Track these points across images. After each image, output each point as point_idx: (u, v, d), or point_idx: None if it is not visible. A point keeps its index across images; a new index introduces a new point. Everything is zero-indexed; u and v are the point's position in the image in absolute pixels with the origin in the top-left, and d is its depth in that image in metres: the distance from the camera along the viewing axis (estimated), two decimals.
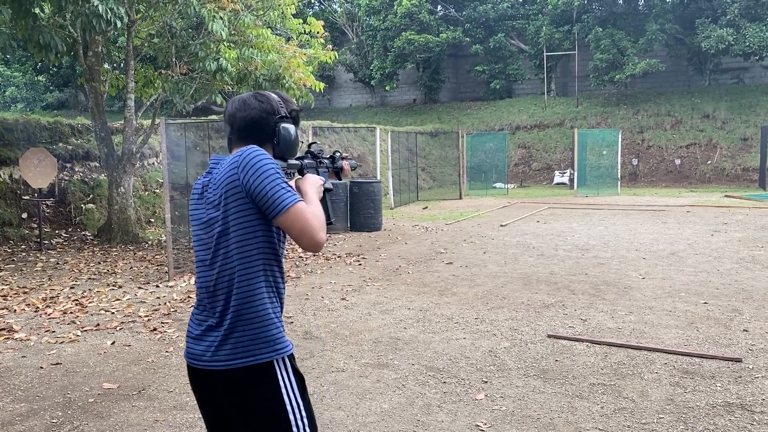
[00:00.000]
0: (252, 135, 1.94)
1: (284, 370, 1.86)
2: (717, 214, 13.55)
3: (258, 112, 1.94)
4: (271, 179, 1.79)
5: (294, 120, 2.01)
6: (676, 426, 3.51)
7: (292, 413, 1.84)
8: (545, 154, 25.10)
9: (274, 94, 2.00)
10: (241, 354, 1.82)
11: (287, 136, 1.95)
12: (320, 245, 1.84)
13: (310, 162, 2.17)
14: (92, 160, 12.15)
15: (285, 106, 1.99)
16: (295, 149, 2.00)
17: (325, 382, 4.25)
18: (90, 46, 9.98)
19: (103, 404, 3.96)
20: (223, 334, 1.84)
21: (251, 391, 1.83)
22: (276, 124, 1.94)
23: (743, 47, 22.56)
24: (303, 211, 1.81)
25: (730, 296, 6.37)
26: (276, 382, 1.84)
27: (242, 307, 1.83)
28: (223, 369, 1.84)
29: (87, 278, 7.76)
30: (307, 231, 1.81)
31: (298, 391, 1.87)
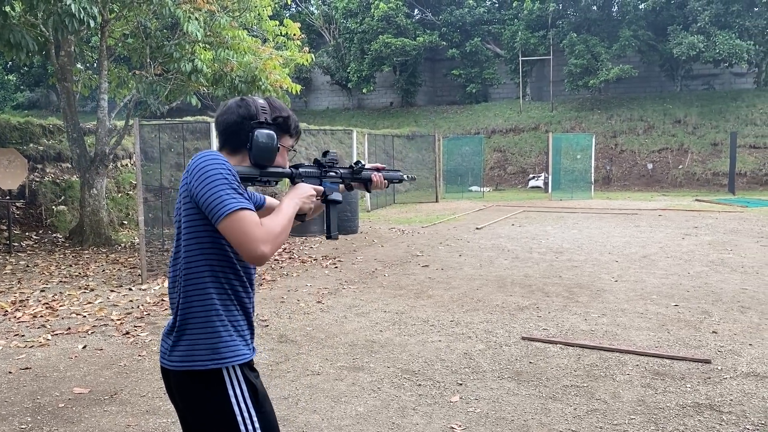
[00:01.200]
0: (229, 139, 1.92)
1: (235, 380, 1.84)
2: (688, 217, 13.79)
3: (236, 116, 1.90)
4: (215, 185, 1.73)
5: (279, 127, 1.94)
6: (646, 427, 3.56)
7: (243, 424, 1.82)
8: (520, 158, 25.33)
9: (261, 100, 1.94)
10: (187, 358, 1.82)
11: (259, 142, 1.87)
12: (259, 259, 1.73)
13: (308, 171, 2.07)
14: (64, 161, 11.96)
15: (270, 112, 1.93)
16: (269, 156, 1.90)
17: (300, 385, 4.24)
18: (62, 45, 9.84)
19: (73, 409, 3.90)
20: (175, 335, 1.87)
21: (200, 397, 1.84)
22: (252, 130, 1.88)
23: (713, 54, 23.02)
24: (242, 220, 1.70)
25: (700, 299, 6.49)
26: (225, 390, 1.82)
27: (188, 312, 1.84)
28: (174, 370, 1.86)
29: (58, 281, 7.63)
30: (244, 242, 1.71)
31: (250, 401, 1.84)
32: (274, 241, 1.75)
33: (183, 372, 1.83)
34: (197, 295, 1.83)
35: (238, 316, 1.88)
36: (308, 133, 20.33)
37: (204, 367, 1.81)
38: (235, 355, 1.84)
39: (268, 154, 1.89)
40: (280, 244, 1.78)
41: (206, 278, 1.82)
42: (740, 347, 4.90)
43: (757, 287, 6.97)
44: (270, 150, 1.89)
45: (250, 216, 1.72)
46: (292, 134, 2.01)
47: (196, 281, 1.83)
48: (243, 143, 1.90)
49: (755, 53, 23.37)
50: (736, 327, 5.45)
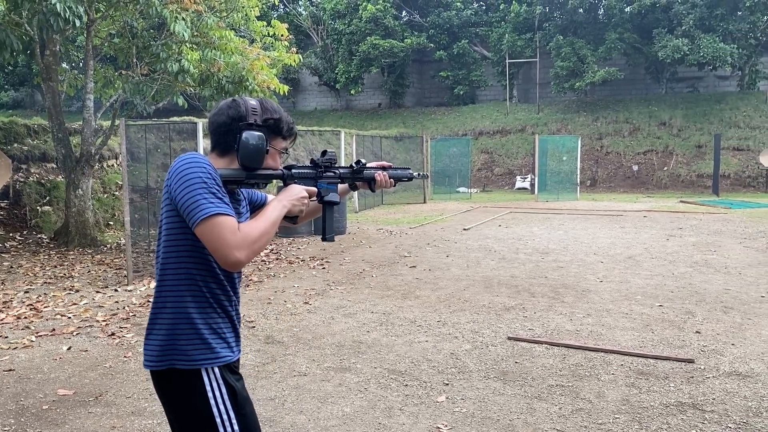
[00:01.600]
0: (219, 140, 1.91)
1: (214, 381, 1.84)
2: (672, 219, 13.92)
3: (225, 117, 1.88)
4: (193, 189, 1.71)
5: (269, 129, 1.91)
6: (631, 426, 3.60)
7: (221, 426, 1.83)
8: (507, 160, 25.44)
9: (253, 102, 1.91)
10: (163, 357, 1.83)
11: (247, 144, 1.84)
12: (232, 265, 1.71)
13: (301, 171, 2.03)
14: (49, 161, 11.87)
15: (261, 113, 1.89)
16: (257, 158, 1.87)
17: (287, 386, 4.24)
18: (47, 44, 9.76)
19: (57, 411, 3.87)
20: (152, 335, 1.88)
21: (178, 397, 1.85)
22: (240, 131, 1.86)
23: (698, 57, 23.26)
24: (217, 225, 1.68)
25: (684, 299, 6.55)
26: (204, 392, 1.83)
27: (162, 313, 1.85)
28: (152, 369, 1.87)
29: (42, 282, 7.57)
30: (218, 248, 1.69)
31: (229, 402, 1.85)
32: (249, 248, 1.73)
33: (161, 372, 1.85)
34: (172, 298, 1.83)
35: (217, 319, 1.87)
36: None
37: (182, 366, 1.82)
38: (215, 357, 1.84)
39: (256, 156, 1.87)
40: (258, 249, 1.76)
41: (183, 281, 1.82)
42: (723, 347, 4.96)
43: (740, 288, 7.05)
44: (258, 152, 1.87)
45: (226, 221, 1.70)
46: (285, 136, 1.98)
47: (173, 284, 1.83)
48: (232, 144, 1.88)
49: (738, 56, 23.65)
50: (719, 327, 5.51)
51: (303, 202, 1.95)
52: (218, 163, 1.90)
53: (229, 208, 1.74)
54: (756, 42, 24.56)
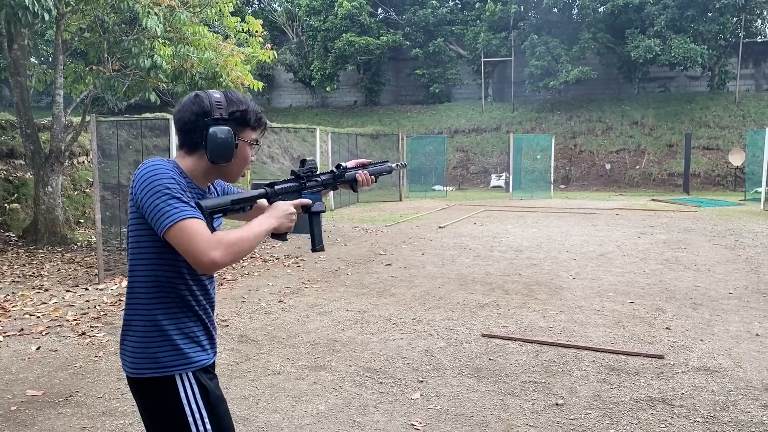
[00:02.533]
0: (185, 139, 1.86)
1: (187, 384, 1.83)
2: (644, 217, 14.13)
3: (189, 114, 1.83)
4: (157, 196, 1.69)
5: (237, 121, 1.85)
6: (602, 421, 3.65)
7: (194, 425, 1.82)
8: (482, 158, 25.60)
9: (218, 94, 1.85)
10: (137, 365, 1.83)
11: (213, 140, 1.79)
12: (207, 266, 1.68)
13: (285, 187, 1.97)
14: (17, 158, 11.63)
15: (226, 106, 1.83)
16: (226, 153, 1.82)
17: (261, 385, 4.21)
18: (15, 38, 9.55)
19: (27, 412, 3.80)
20: (125, 342, 1.87)
21: (154, 402, 1.85)
22: (206, 127, 1.80)
23: (669, 58, 23.64)
24: (184, 229, 1.67)
25: (654, 296, 6.66)
26: (177, 396, 1.82)
27: (134, 320, 1.84)
28: (127, 374, 1.87)
29: (10, 281, 7.42)
30: (189, 250, 1.67)
31: (202, 403, 1.84)
32: (225, 249, 1.69)
33: (136, 378, 1.84)
34: (143, 304, 1.82)
35: (189, 323, 1.85)
36: (271, 131, 20.17)
37: (155, 374, 1.81)
38: (188, 362, 1.83)
39: (225, 151, 1.82)
40: (235, 253, 1.72)
41: (152, 287, 1.81)
42: (692, 343, 5.05)
43: (708, 284, 7.19)
44: (227, 147, 1.82)
45: (194, 224, 1.68)
46: (254, 127, 1.92)
47: (143, 289, 1.81)
48: (200, 141, 1.83)
49: (708, 57, 24.08)
50: (689, 323, 5.61)
51: (291, 218, 1.91)
52: (186, 162, 1.86)
53: (195, 211, 1.71)
54: (725, 43, 25.03)
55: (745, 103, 24.51)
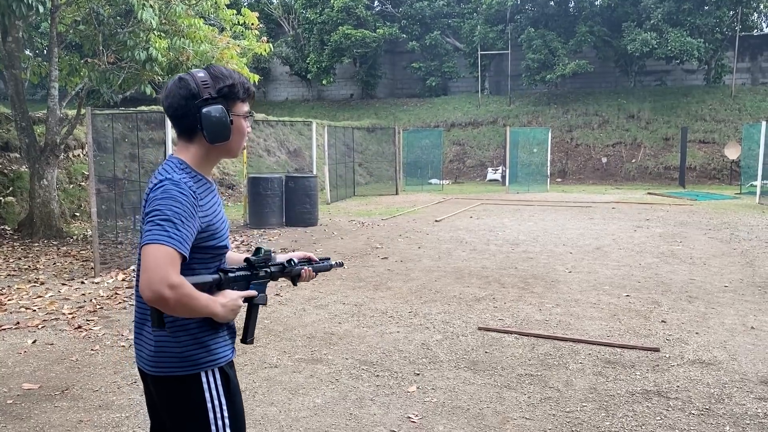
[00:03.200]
0: (181, 127, 1.84)
1: (212, 381, 1.85)
2: (640, 210, 14.16)
3: (177, 99, 1.80)
4: (162, 211, 1.68)
5: (226, 97, 1.82)
6: (597, 414, 3.66)
7: (213, 420, 1.84)
8: (479, 152, 25.58)
9: (202, 73, 1.81)
10: (158, 362, 1.83)
11: (208, 121, 1.78)
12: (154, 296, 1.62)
13: (237, 275, 1.90)
14: (12, 151, 11.57)
15: (212, 84, 1.80)
16: (224, 132, 1.81)
17: (258, 378, 4.22)
18: (9, 31, 9.49)
19: (23, 405, 3.80)
20: (148, 340, 1.88)
21: (177, 397, 1.84)
22: (198, 110, 1.78)
23: (666, 51, 23.62)
24: (162, 253, 1.64)
25: (650, 289, 6.68)
26: (201, 392, 1.83)
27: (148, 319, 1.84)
28: (148, 372, 1.87)
29: (6, 275, 7.40)
30: (150, 272, 1.63)
31: (224, 396, 1.86)
32: (180, 295, 1.64)
33: (160, 377, 1.83)
34: None
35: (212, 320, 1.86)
36: (267, 125, 20.13)
37: (181, 372, 1.81)
38: (215, 358, 1.85)
39: (222, 130, 1.81)
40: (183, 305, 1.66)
41: None
42: (687, 336, 5.07)
43: (704, 278, 7.21)
44: (223, 126, 1.80)
45: (173, 256, 1.65)
46: (244, 99, 1.88)
47: None
48: (194, 126, 1.81)
49: (705, 51, 24.06)
50: (684, 316, 5.63)
51: (236, 312, 1.87)
52: (190, 152, 1.85)
53: (182, 245, 1.68)
54: (722, 36, 25.02)
55: (741, 97, 24.53)
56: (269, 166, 18.66)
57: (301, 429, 3.49)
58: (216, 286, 1.81)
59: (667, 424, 3.50)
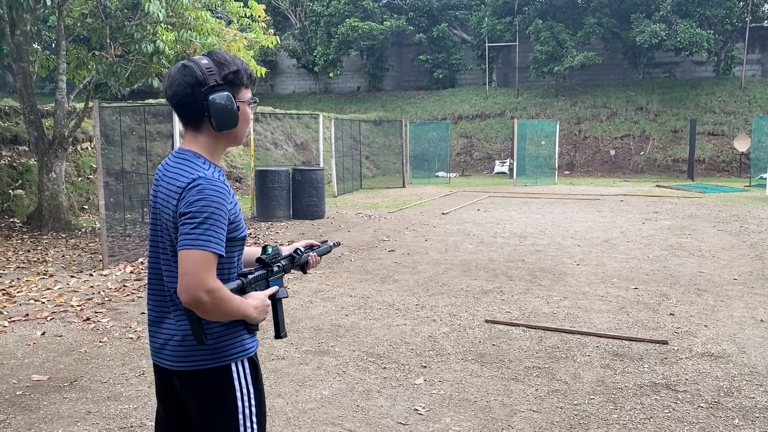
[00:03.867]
0: (188, 117, 1.81)
1: (242, 372, 1.85)
2: (648, 203, 14.08)
3: (183, 87, 1.76)
4: (196, 213, 1.68)
5: (231, 84, 1.80)
6: (605, 406, 3.65)
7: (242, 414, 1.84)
8: (486, 144, 25.50)
9: (205, 60, 1.79)
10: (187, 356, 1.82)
11: (216, 109, 1.76)
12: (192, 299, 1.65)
13: (257, 276, 1.92)
14: (21, 144, 11.62)
15: (217, 71, 1.77)
16: (231, 120, 1.80)
17: (265, 370, 4.22)
18: (17, 24, 9.51)
19: (32, 397, 3.82)
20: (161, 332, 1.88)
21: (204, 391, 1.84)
22: (205, 98, 1.76)
23: (675, 42, 23.43)
24: (189, 258, 1.65)
25: (658, 282, 6.65)
26: (232, 384, 1.83)
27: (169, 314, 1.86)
28: (174, 368, 1.86)
29: (15, 267, 7.45)
30: (189, 276, 1.65)
31: (252, 382, 1.87)
32: (216, 299, 1.67)
33: (188, 371, 1.82)
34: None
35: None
36: (274, 117, 20.13)
37: (212, 364, 1.81)
38: (244, 350, 1.86)
39: (230, 118, 1.80)
40: (218, 309, 1.69)
41: None
42: (696, 328, 5.04)
43: (713, 270, 7.17)
44: (231, 114, 1.79)
45: (212, 261, 1.68)
46: (247, 85, 1.87)
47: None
48: (200, 114, 1.79)
49: (714, 42, 23.86)
50: (693, 309, 5.60)
51: (266, 312, 1.89)
52: (201, 143, 1.83)
53: (221, 246, 1.70)
54: (732, 28, 24.80)
55: (751, 89, 24.32)
56: (276, 159, 18.67)
57: (308, 420, 3.49)
58: (240, 292, 1.82)
59: (676, 417, 3.49)
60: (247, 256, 2.05)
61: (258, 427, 1.89)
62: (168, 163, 1.85)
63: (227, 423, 1.83)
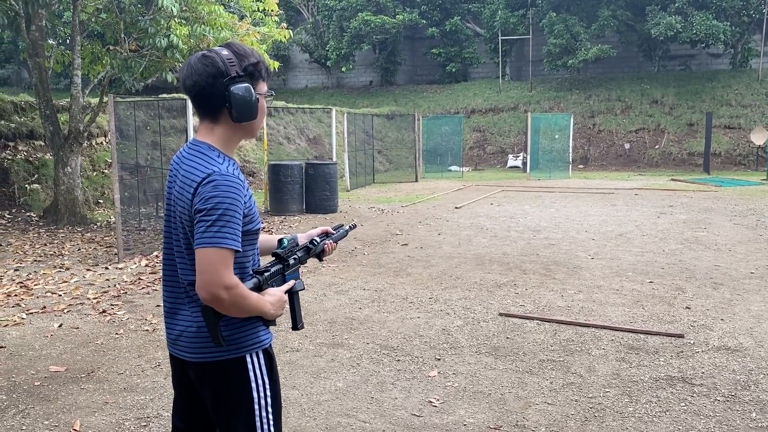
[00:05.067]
0: (203, 105, 1.80)
1: (257, 363, 1.86)
2: (663, 197, 13.96)
3: (204, 77, 1.75)
4: (212, 210, 1.68)
5: (251, 75, 1.80)
6: (621, 399, 3.63)
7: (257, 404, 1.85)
8: (499, 138, 25.39)
9: (225, 50, 1.78)
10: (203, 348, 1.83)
11: (237, 100, 1.75)
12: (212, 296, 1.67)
13: (273, 271, 1.92)
14: (37, 139, 11.73)
15: (238, 62, 1.77)
16: (251, 111, 1.79)
17: (280, 362, 4.23)
18: (33, 19, 9.59)
19: (50, 387, 3.87)
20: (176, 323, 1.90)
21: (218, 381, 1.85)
22: (227, 88, 1.75)
23: (690, 35, 23.16)
24: (206, 256, 1.66)
25: (674, 275, 6.60)
26: (247, 376, 1.84)
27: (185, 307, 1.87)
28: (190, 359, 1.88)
29: (32, 260, 7.53)
30: (208, 274, 1.67)
31: (267, 373, 1.88)
32: (234, 296, 1.69)
33: (204, 362, 1.83)
34: None
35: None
36: (287, 112, 20.16)
37: (228, 356, 1.82)
38: (260, 341, 1.87)
39: (250, 110, 1.79)
40: (236, 305, 1.71)
41: None
42: (712, 322, 5.00)
43: (729, 264, 7.10)
44: (250, 105, 1.79)
45: (229, 258, 1.69)
46: (265, 78, 1.87)
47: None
48: (219, 106, 1.78)
49: (731, 34, 23.55)
50: (709, 303, 5.56)
51: (284, 308, 1.91)
52: (216, 135, 1.82)
53: (237, 241, 1.71)
54: (749, 19, 24.45)
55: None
56: (289, 153, 18.70)
57: (322, 412, 3.51)
58: (257, 289, 1.82)
59: (692, 411, 3.47)
60: (262, 244, 2.05)
61: (273, 419, 1.89)
62: (183, 155, 1.85)
63: (243, 414, 1.84)
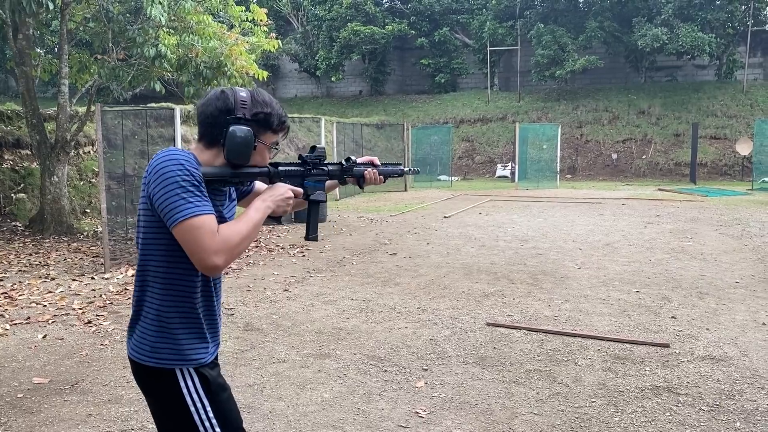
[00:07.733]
0: (205, 132, 1.82)
1: (188, 378, 1.82)
2: (650, 206, 14.07)
3: (213, 109, 1.79)
4: (170, 188, 1.65)
5: (258, 123, 1.81)
6: (606, 409, 3.64)
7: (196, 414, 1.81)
8: (488, 148, 25.51)
9: (244, 93, 1.81)
10: (141, 351, 1.82)
11: (232, 139, 1.75)
12: (210, 270, 1.67)
13: (289, 169, 1.92)
14: (23, 148, 11.64)
15: (250, 107, 1.80)
16: (244, 154, 1.78)
17: (266, 373, 4.22)
18: (20, 28, 9.55)
19: (33, 399, 3.82)
20: (133, 327, 1.87)
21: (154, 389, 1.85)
22: (227, 125, 1.77)
23: (676, 46, 23.44)
24: (193, 229, 1.64)
25: (660, 285, 6.64)
26: (179, 389, 1.81)
27: (141, 308, 1.84)
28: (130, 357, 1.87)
29: (17, 270, 7.46)
30: (195, 251, 1.65)
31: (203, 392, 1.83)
32: (229, 252, 1.68)
33: (138, 363, 1.83)
34: (151, 297, 1.80)
35: (196, 318, 1.83)
36: None
37: (156, 364, 1.80)
38: (185, 360, 1.81)
39: (243, 151, 1.78)
40: (238, 254, 1.71)
41: (161, 281, 1.78)
42: (698, 332, 5.03)
43: (715, 274, 7.16)
44: (245, 148, 1.78)
45: (205, 223, 1.65)
46: (276, 130, 1.87)
47: (152, 281, 1.79)
48: (219, 137, 1.79)
49: (716, 46, 23.86)
50: (694, 312, 5.59)
51: (288, 202, 1.88)
52: (205, 155, 1.82)
53: (209, 207, 1.68)
54: (734, 31, 24.79)
55: (752, 92, 24.31)
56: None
57: (309, 423, 3.49)
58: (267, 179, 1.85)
59: (677, 420, 3.48)
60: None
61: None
62: None
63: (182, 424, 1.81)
